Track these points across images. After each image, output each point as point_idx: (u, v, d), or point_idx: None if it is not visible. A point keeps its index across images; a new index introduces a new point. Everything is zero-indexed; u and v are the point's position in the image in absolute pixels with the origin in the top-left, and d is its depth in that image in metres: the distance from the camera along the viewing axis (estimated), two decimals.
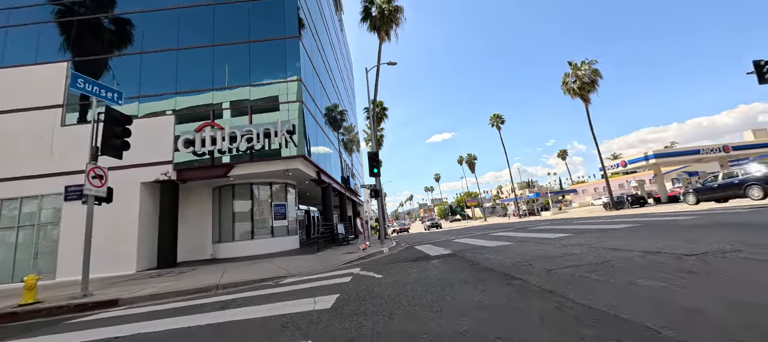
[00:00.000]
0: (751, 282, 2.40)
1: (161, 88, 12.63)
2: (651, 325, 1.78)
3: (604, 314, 2.06)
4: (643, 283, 2.68)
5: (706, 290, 2.31)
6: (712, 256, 3.33)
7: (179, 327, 3.15)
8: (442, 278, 4.04)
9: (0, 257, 11.08)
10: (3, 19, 13.08)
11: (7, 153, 11.67)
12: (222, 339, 2.56)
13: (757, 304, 1.94)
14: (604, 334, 1.74)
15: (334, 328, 2.44)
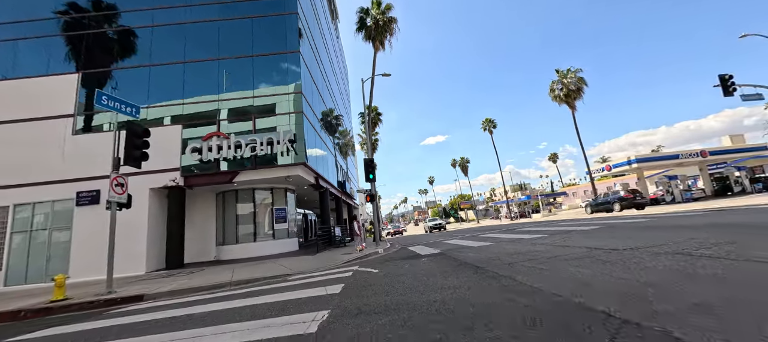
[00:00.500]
0: (637, 267, 3.33)
1: (169, 96, 13.39)
2: (555, 292, 2.69)
3: (530, 287, 2.97)
4: (571, 269, 3.60)
5: (604, 272, 3.24)
6: (628, 251, 4.29)
7: (220, 308, 3.98)
8: (428, 270, 4.94)
9: (13, 260, 11.67)
10: (14, 31, 13.69)
11: (20, 160, 12.26)
12: (259, 314, 3.41)
13: (631, 280, 2.86)
14: (519, 297, 2.65)
15: (346, 303, 3.32)
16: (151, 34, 13.80)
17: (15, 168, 12.15)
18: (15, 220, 11.96)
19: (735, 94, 15.94)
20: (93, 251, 11.53)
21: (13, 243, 11.79)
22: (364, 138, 43.07)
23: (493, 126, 56.65)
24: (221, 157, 12.23)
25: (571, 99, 34.32)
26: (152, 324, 3.61)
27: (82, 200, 11.94)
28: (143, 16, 14.02)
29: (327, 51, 27.44)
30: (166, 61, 13.53)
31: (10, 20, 13.73)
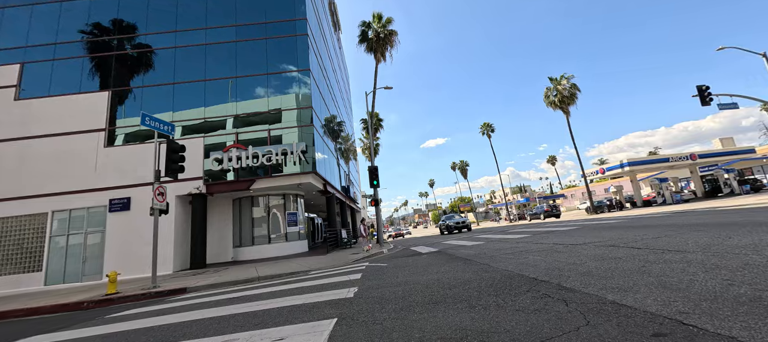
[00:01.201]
0: (576, 254, 4.53)
1: (190, 109, 14.69)
2: (512, 270, 3.91)
3: (497, 269, 4.18)
4: (531, 257, 4.82)
5: (552, 258, 4.45)
6: (580, 246, 5.51)
7: (270, 291, 5.19)
8: (428, 263, 6.15)
9: (52, 262, 12.89)
10: (50, 53, 15.01)
11: (57, 171, 13.52)
12: (306, 292, 4.61)
13: (564, 262, 4.05)
14: (488, 274, 3.86)
15: (367, 283, 4.53)
16: (174, 53, 15.11)
17: (53, 178, 13.41)
18: (53, 225, 13.20)
19: (712, 103, 17.20)
20: (124, 253, 12.76)
21: (51, 246, 13.02)
22: (366, 143, 44.34)
23: (492, 130, 57.87)
24: (240, 166, 13.49)
25: (565, 105, 35.53)
26: (218, 303, 4.81)
27: (114, 207, 13.18)
28: (166, 38, 15.35)
29: (331, 62, 28.78)
30: (188, 79, 14.84)
31: (46, 42, 15.07)
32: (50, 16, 15.61)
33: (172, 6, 15.74)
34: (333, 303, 3.45)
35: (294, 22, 15.46)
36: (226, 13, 15.67)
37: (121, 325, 3.90)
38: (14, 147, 13.71)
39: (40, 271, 12.69)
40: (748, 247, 3.58)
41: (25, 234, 13.05)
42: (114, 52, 15.13)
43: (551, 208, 33.97)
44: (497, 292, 3.01)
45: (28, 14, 15.56)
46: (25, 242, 13.00)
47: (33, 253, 12.89)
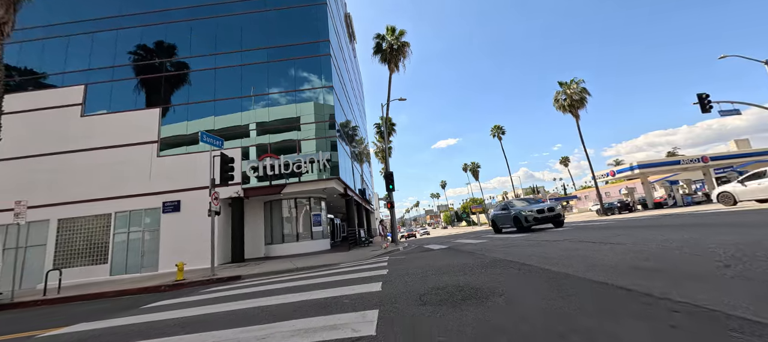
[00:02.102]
0: (560, 248, 5.95)
1: (227, 113, 16.73)
2: (501, 258, 5.42)
3: (491, 258, 5.69)
4: (518, 250, 6.30)
5: (537, 251, 5.91)
6: (564, 242, 6.92)
7: (316, 276, 6.84)
8: (439, 255, 7.70)
9: (115, 256, 15.06)
10: (109, 75, 17.33)
11: (118, 177, 15.74)
12: (347, 275, 6.22)
13: (549, 253, 5.50)
14: (484, 260, 5.37)
15: (394, 269, 6.12)
16: (214, 74, 17.19)
17: (115, 183, 15.63)
18: (116, 224, 15.40)
19: (713, 110, 18.00)
20: (176, 248, 14.80)
21: (115, 242, 15.22)
22: (379, 146, 46.09)
23: (502, 133, 58.60)
24: (273, 173, 15.36)
25: (575, 109, 36.21)
26: (276, 289, 6.49)
27: (166, 208, 15.27)
28: (207, 60, 17.45)
29: (347, 72, 30.59)
30: (227, 96, 16.88)
31: (105, 65, 17.41)
32: (108, 42, 17.98)
33: (211, 30, 17.84)
34: (374, 278, 5.05)
35: (318, 44, 17.30)
36: (258, 35, 17.65)
37: (208, 305, 5.62)
38: (82, 157, 16.02)
39: (106, 264, 14.88)
40: (673, 240, 4.97)
41: (93, 232, 15.29)
42: (163, 74, 17.34)
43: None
44: (484, 268, 4.55)
45: (89, 40, 17.97)
46: (92, 239, 15.24)
47: (99, 248, 15.11)
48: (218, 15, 17.96)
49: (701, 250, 3.88)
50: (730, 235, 4.90)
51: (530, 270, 3.93)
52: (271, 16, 17.79)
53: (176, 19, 18.00)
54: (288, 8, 17.76)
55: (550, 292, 2.76)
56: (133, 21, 18.19)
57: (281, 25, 17.75)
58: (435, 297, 3.13)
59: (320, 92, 16.80)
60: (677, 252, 3.94)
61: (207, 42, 17.89)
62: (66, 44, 18.04)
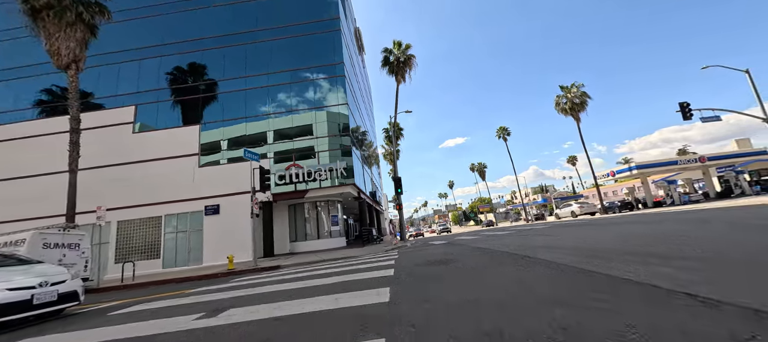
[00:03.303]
0: (523, 241, 8.09)
1: (255, 120, 19.29)
2: (483, 247, 7.62)
3: (476, 247, 7.89)
4: (493, 242, 8.47)
5: (512, 241, 8.07)
6: (535, 236, 9.05)
7: (344, 263, 9.15)
8: (437, 246, 9.94)
9: (166, 252, 17.76)
10: (154, 96, 20.12)
11: (167, 185, 18.44)
12: (369, 263, 8.50)
13: (506, 242, 7.65)
14: (473, 248, 7.58)
15: (403, 257, 8.39)
16: (245, 94, 19.78)
17: (164, 190, 18.34)
18: (165, 225, 18.11)
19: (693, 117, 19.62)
20: (217, 245, 17.39)
21: (165, 240, 17.92)
22: (387, 149, 48.44)
23: (507, 134, 60.08)
24: (297, 181, 17.83)
25: (575, 111, 37.72)
26: (314, 274, 8.83)
27: (208, 211, 17.89)
28: (238, 82, 20.08)
29: (358, 82, 32.96)
30: (255, 113, 19.46)
31: (152, 88, 20.22)
32: (152, 67, 20.78)
33: (241, 55, 20.46)
34: (389, 259, 7.34)
35: (334, 66, 19.70)
36: (282, 58, 20.17)
37: (270, 285, 7.99)
38: (136, 168, 18.80)
39: (159, 258, 17.58)
40: (588, 233, 7.09)
41: (147, 231, 18.03)
42: (200, 95, 20.04)
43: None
44: (470, 252, 6.79)
45: (137, 66, 20.81)
46: (147, 237, 17.98)
47: (153, 245, 17.84)
48: (246, 42, 20.57)
49: (565, 237, 6.04)
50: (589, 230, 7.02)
51: (492, 252, 6.16)
52: (293, 42, 20.30)
53: (210, 46, 20.68)
54: (308, 35, 20.24)
55: (481, 256, 5.00)
56: (174, 49, 20.95)
57: (302, 49, 20.21)
58: (424, 263, 5.41)
59: (336, 107, 19.21)
60: (540, 238, 6.11)
61: (238, 65, 20.52)
62: (117, 70, 20.92)
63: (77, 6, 15.56)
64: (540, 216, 55.10)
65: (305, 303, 3.47)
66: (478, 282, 3.50)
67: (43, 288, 4.80)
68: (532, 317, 2.04)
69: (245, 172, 16.52)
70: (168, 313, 4.07)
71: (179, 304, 4.77)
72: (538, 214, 57.97)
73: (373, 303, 3.06)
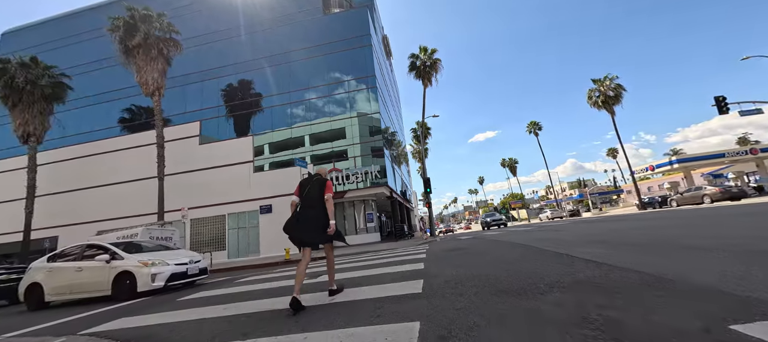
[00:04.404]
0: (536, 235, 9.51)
1: (300, 132, 21.95)
2: (500, 239, 9.21)
3: (498, 240, 9.49)
4: (512, 237, 9.97)
5: (522, 237, 9.56)
6: (547, 231, 10.40)
7: (384, 254, 11.13)
8: (464, 239, 11.59)
9: (230, 245, 20.96)
10: (216, 112, 23.50)
11: (228, 188, 21.66)
12: (405, 254, 10.38)
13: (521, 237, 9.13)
14: (496, 241, 9.20)
15: (435, 246, 10.19)
16: (290, 106, 22.51)
17: (226, 193, 21.57)
18: (228, 222, 21.33)
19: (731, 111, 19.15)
20: (270, 240, 20.22)
21: (229, 235, 21.14)
22: (416, 148, 49.97)
23: (539, 128, 59.01)
24: (337, 183, 20.17)
25: (609, 105, 36.77)
26: (360, 263, 10.86)
27: (262, 210, 20.83)
28: (283, 96, 22.87)
29: (387, 86, 34.89)
30: (296, 122, 22.13)
31: (212, 105, 23.63)
32: (213, 87, 24.19)
33: (285, 72, 23.23)
34: (421, 250, 9.18)
35: (367, 78, 21.79)
36: (321, 73, 22.64)
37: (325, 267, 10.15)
38: (203, 175, 22.24)
39: (225, 250, 20.82)
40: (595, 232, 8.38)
41: (214, 227, 21.38)
42: (253, 110, 23.10)
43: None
44: (494, 245, 8.45)
45: (200, 87, 24.34)
46: (214, 232, 21.32)
47: (219, 239, 21.14)
48: (288, 61, 23.33)
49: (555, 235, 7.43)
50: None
51: (503, 242, 7.80)
52: (329, 58, 22.71)
53: (260, 66, 23.71)
54: (342, 51, 22.54)
55: (488, 244, 6.68)
56: (229, 70, 24.27)
57: (338, 64, 22.55)
58: (447, 250, 7.19)
59: (368, 115, 21.32)
60: (539, 233, 7.52)
61: (281, 80, 23.34)
62: (183, 91, 24.63)
63: (158, 43, 18.95)
64: (575, 212, 53.66)
65: (372, 269, 5.45)
66: (476, 258, 5.25)
67: (191, 264, 7.25)
68: (495, 269, 3.80)
69: (291, 176, 19.16)
70: (277, 280, 6.26)
71: (279, 276, 6.99)
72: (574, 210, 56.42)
73: (414, 270, 4.96)
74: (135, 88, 22.17)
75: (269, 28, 24.77)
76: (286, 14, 25.11)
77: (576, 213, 53.17)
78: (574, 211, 54.99)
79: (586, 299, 2.16)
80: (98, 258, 6.65)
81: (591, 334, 1.54)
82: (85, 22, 29.14)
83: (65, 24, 30.02)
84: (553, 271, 3.35)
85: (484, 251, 6.55)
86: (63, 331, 4.01)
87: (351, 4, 26.02)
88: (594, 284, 2.55)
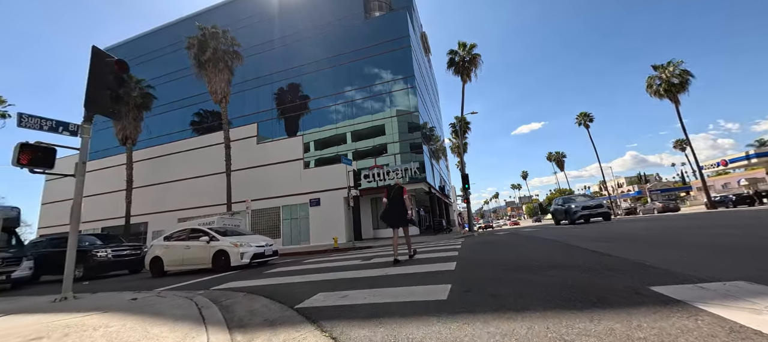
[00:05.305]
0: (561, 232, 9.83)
1: (343, 130, 23.67)
2: (535, 235, 9.74)
3: (533, 236, 10.03)
4: (543, 233, 10.38)
5: (550, 233, 9.95)
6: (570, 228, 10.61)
7: (423, 246, 12.18)
8: (499, 234, 12.18)
9: (284, 234, 23.48)
10: (270, 114, 26.17)
11: (282, 183, 24.18)
12: (445, 245, 11.34)
13: (552, 233, 9.55)
14: (532, 237, 9.79)
15: (469, 240, 11.01)
16: (336, 109, 24.33)
17: (281, 187, 24.10)
18: (282, 213, 23.87)
19: None
20: (319, 230, 22.29)
21: (283, 225, 23.68)
22: (455, 142, 49.71)
23: (590, 120, 55.11)
24: (378, 179, 21.55)
25: (672, 93, 33.53)
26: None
27: (312, 203, 22.98)
28: (328, 99, 24.75)
29: (425, 84, 35.44)
30: (339, 121, 23.89)
31: (267, 108, 26.34)
32: (267, 91, 26.90)
33: (330, 77, 25.07)
34: (458, 245, 10.07)
35: (406, 78, 22.73)
36: (363, 75, 24.10)
37: (380, 250, 11.41)
38: (262, 171, 25.04)
39: (280, 238, 23.39)
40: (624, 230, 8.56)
41: (270, 217, 24.06)
42: (302, 112, 25.35)
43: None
44: (525, 240, 9.11)
45: (256, 92, 27.19)
46: (270, 222, 24.02)
47: (275, 228, 23.77)
48: (334, 65, 25.12)
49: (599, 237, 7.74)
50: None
51: (527, 236, 8.42)
52: (370, 60, 24.05)
53: (307, 71, 25.88)
54: (384, 53, 23.76)
55: (520, 238, 7.38)
56: (280, 76, 26.83)
57: (379, 65, 23.81)
58: (480, 243, 8.02)
59: (408, 114, 22.30)
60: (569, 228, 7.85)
61: (326, 82, 25.25)
62: (243, 96, 27.75)
63: (224, 57, 21.72)
64: (632, 210, 49.58)
65: (418, 255, 6.57)
66: (501, 248, 6.07)
67: (266, 247, 8.98)
68: (514, 255, 4.65)
69: (337, 172, 20.86)
70: (338, 260, 7.64)
71: (337, 258, 8.40)
72: (630, 208, 52.11)
73: (450, 255, 5.96)
74: (202, 95, 25.59)
75: (315, 34, 26.80)
76: (330, 21, 26.93)
77: (632, 211, 49.02)
78: (630, 209, 50.78)
79: (573, 274, 3.03)
80: (201, 239, 8.63)
81: (558, 291, 2.47)
82: (161, 38, 33.87)
83: (146, 41, 35.12)
84: (559, 258, 4.17)
85: (510, 243, 7.28)
86: (185, 291, 5.69)
87: (390, 6, 27.01)
88: (584, 266, 3.38)
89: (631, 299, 2.03)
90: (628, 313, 1.77)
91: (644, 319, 1.65)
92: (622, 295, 2.16)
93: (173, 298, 3.96)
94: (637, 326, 1.57)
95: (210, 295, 4.01)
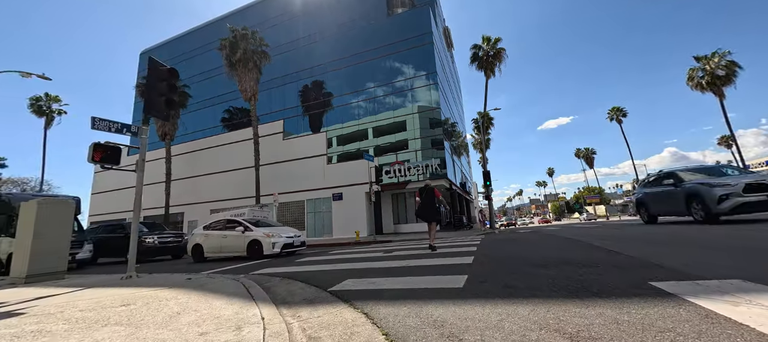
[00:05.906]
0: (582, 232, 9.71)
1: (364, 125, 24.17)
2: (556, 233, 9.74)
3: (551, 234, 10.01)
4: (566, 232, 10.30)
5: (573, 232, 9.86)
6: (590, 229, 10.41)
7: (443, 241, 12.43)
8: (520, 232, 12.19)
9: (308, 226, 24.46)
10: (295, 111, 27.14)
11: (306, 177, 25.12)
12: (464, 241, 11.55)
13: (575, 233, 9.48)
14: (548, 234, 9.80)
15: (488, 237, 11.14)
16: (358, 105, 24.85)
17: (305, 181, 25.06)
18: (306, 207, 24.84)
19: None
20: (341, 223, 23.02)
21: (307, 218, 24.66)
22: (477, 139, 48.93)
23: (623, 115, 52.40)
24: (399, 175, 21.89)
25: (717, 86, 31.20)
26: (421, 246, 12.29)
27: (334, 198, 23.75)
28: (351, 96, 25.30)
29: (447, 80, 35.15)
30: (361, 117, 24.37)
31: (292, 105, 27.32)
32: (292, 89, 27.88)
33: (353, 74, 25.57)
34: (477, 241, 10.25)
35: (428, 75, 22.78)
36: (385, 72, 24.41)
37: (403, 243, 11.80)
38: (287, 166, 26.13)
39: (304, 230, 24.40)
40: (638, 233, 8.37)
41: (296, 211, 25.12)
42: (326, 109, 26.10)
43: None
44: (543, 237, 9.16)
45: (282, 90, 28.25)
46: (295, 215, 25.08)
47: (299, 221, 24.81)
48: (357, 62, 25.60)
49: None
50: None
51: (549, 234, 8.47)
52: (393, 57, 24.30)
53: (331, 69, 26.54)
54: (406, 50, 23.91)
55: (536, 235, 7.48)
56: (305, 74, 27.69)
57: (401, 62, 24.00)
58: (499, 239, 8.18)
59: (429, 110, 22.39)
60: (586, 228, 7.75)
61: (348, 79, 25.79)
62: (269, 94, 28.93)
63: (254, 57, 22.74)
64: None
65: (440, 249, 6.89)
66: (518, 245, 6.24)
67: (295, 238, 9.62)
68: (529, 251, 4.85)
69: (359, 168, 21.42)
70: (361, 252, 8.11)
71: (360, 250, 8.88)
72: None
73: (469, 250, 6.23)
74: (232, 93, 26.95)
75: (338, 32, 27.36)
76: (353, 19, 27.37)
77: None
78: None
79: (582, 270, 3.25)
80: (236, 229, 9.40)
81: (565, 283, 2.72)
82: (195, 40, 35.83)
83: (181, 43, 37.29)
84: (573, 255, 4.35)
85: (528, 240, 7.40)
86: (229, 274, 6.35)
87: (413, 3, 27.00)
88: (596, 263, 3.57)
89: (628, 292, 2.27)
90: (622, 302, 2.02)
91: (633, 307, 1.91)
92: (622, 288, 2.40)
93: (222, 279, 4.55)
94: (625, 312, 1.84)
95: (252, 278, 4.57)
